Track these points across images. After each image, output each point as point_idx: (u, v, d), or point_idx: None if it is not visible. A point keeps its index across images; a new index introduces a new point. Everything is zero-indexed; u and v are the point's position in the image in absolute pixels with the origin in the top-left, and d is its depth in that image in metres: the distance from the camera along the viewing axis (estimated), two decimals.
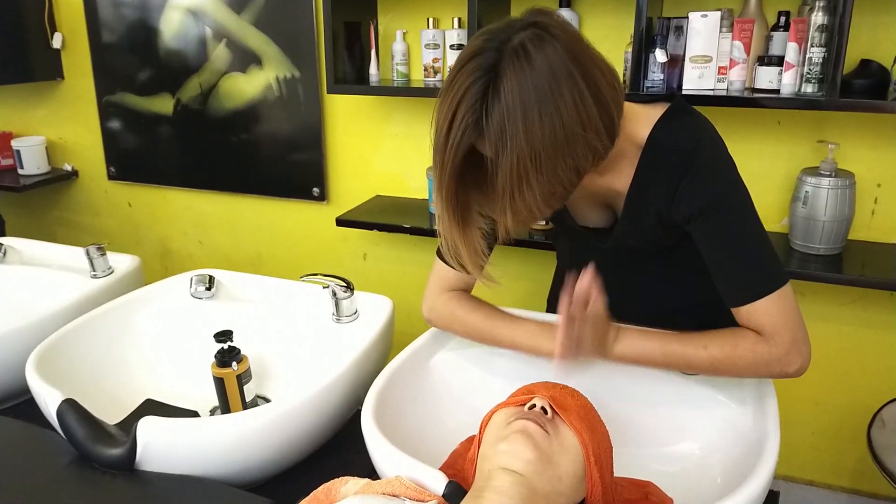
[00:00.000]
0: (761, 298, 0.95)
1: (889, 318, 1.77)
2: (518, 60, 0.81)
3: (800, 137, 1.73)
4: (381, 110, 2.14)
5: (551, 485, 0.80)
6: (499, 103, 0.81)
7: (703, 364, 0.98)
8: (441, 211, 0.92)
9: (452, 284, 1.15)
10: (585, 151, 0.86)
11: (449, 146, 0.84)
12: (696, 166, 0.95)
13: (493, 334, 1.10)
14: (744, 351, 0.96)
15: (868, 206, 1.72)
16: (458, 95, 0.83)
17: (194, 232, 2.59)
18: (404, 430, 1.00)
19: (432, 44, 1.93)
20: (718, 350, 0.97)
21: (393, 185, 2.21)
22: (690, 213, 0.97)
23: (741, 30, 1.59)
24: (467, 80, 0.82)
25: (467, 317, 1.12)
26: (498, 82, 0.81)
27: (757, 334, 0.96)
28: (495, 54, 0.82)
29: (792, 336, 0.95)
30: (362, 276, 2.30)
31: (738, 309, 0.98)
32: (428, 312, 1.17)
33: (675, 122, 0.99)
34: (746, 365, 0.97)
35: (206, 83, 2.31)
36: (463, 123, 0.83)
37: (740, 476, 0.90)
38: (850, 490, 1.94)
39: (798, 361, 0.96)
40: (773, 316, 0.95)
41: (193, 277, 1.42)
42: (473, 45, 0.84)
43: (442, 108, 0.85)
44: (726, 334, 0.98)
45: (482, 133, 0.83)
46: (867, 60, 1.57)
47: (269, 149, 2.31)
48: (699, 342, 0.98)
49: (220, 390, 1.17)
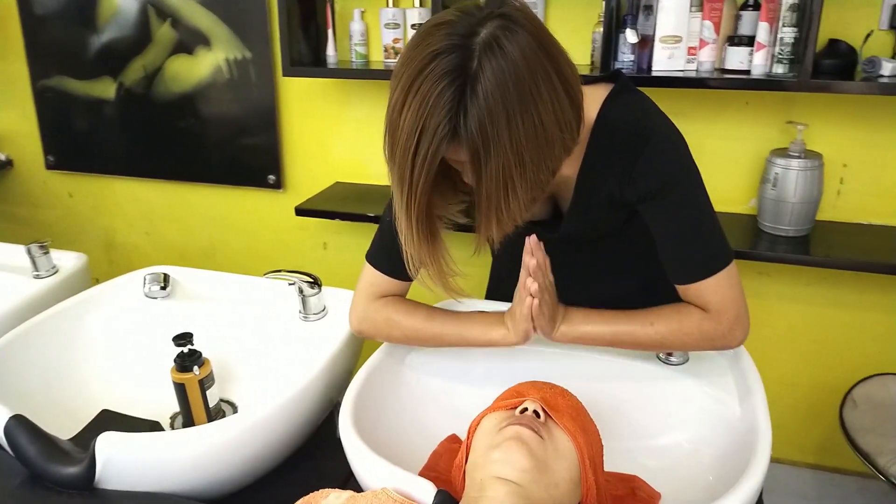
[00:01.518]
0: (711, 276, 0.95)
1: (855, 297, 1.79)
2: (495, 58, 0.74)
3: (768, 118, 1.72)
4: (339, 93, 2.06)
5: (548, 492, 0.77)
6: (478, 107, 0.74)
7: (651, 341, 0.99)
8: (408, 228, 0.85)
9: (384, 291, 1.08)
10: (561, 151, 0.82)
11: (419, 160, 0.77)
12: (652, 144, 0.92)
13: (437, 334, 1.04)
14: (690, 328, 0.97)
15: (834, 187, 1.72)
16: (426, 102, 0.74)
17: (141, 223, 2.47)
18: (383, 434, 0.96)
19: (392, 23, 1.85)
20: (665, 327, 0.97)
21: (354, 172, 2.13)
22: (646, 192, 0.94)
23: (711, 9, 1.56)
24: (435, 84, 0.74)
25: (406, 320, 1.05)
26: (475, 83, 0.74)
27: (702, 311, 0.97)
28: (464, 52, 0.74)
29: (736, 312, 0.96)
30: (323, 266, 2.23)
31: (686, 286, 0.97)
32: (359, 323, 1.08)
33: (623, 99, 0.96)
34: (693, 341, 0.98)
35: (151, 65, 2.18)
36: (437, 133, 0.75)
37: (731, 469, 0.89)
38: (814, 466, 1.98)
39: (740, 335, 0.98)
40: (719, 293, 0.96)
41: (147, 276, 1.33)
42: (432, 44, 0.75)
43: (404, 117, 0.76)
44: (672, 311, 0.99)
45: (459, 142, 0.76)
46: (835, 40, 1.56)
47: (220, 134, 2.20)
48: (646, 320, 0.98)
49: (181, 396, 1.10)
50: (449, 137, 0.76)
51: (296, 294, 1.25)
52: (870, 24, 1.58)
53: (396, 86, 0.78)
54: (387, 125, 0.80)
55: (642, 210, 0.97)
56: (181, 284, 1.36)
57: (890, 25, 1.56)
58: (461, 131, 0.75)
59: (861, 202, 1.73)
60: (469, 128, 0.75)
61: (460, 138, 0.76)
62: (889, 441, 1.32)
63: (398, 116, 0.77)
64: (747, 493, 0.79)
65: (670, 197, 0.94)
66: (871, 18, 1.58)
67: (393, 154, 0.80)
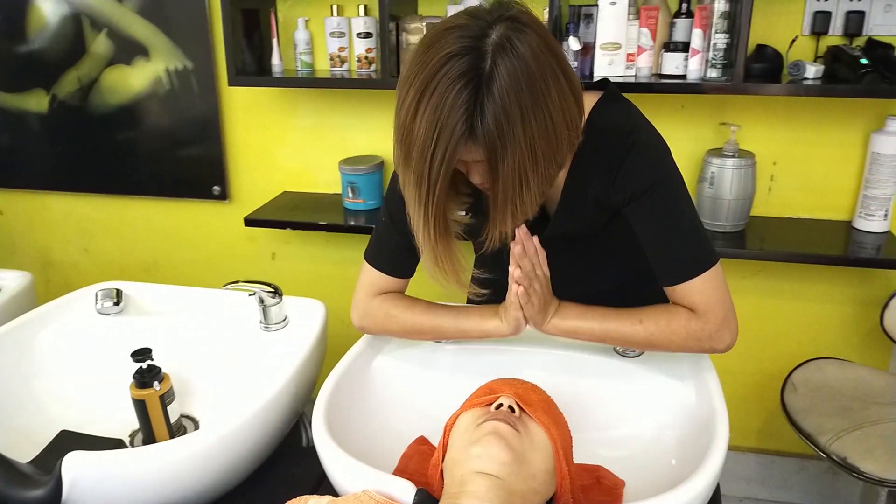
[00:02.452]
0: (696, 277, 0.98)
1: (788, 287, 1.89)
2: (508, 58, 0.77)
3: (703, 120, 1.80)
4: (284, 102, 2.05)
5: (527, 484, 0.79)
6: (494, 106, 0.77)
7: (638, 339, 1.01)
8: (425, 228, 0.86)
9: (383, 289, 1.11)
10: (566, 148, 0.85)
11: (437, 160, 0.79)
12: (636, 149, 0.96)
13: (436, 326, 1.07)
14: (677, 327, 0.99)
15: (765, 184, 1.82)
16: (442, 104, 0.77)
17: (78, 240, 2.39)
18: (354, 439, 0.97)
19: (337, 32, 1.86)
20: (653, 325, 0.99)
21: (302, 181, 2.12)
22: (631, 195, 0.98)
23: (647, 17, 1.63)
24: (451, 85, 0.76)
25: (404, 315, 1.08)
26: (491, 83, 0.76)
27: (689, 311, 0.99)
28: (477, 53, 0.77)
29: (723, 313, 0.99)
30: (272, 277, 2.20)
31: (673, 287, 1.00)
32: (360, 319, 1.12)
33: (612, 106, 1.00)
34: (681, 340, 0.99)
35: (86, 77, 2.12)
36: (454, 134, 0.77)
37: (692, 453, 0.93)
38: (756, 450, 2.07)
39: (728, 338, 1.00)
40: (705, 294, 0.98)
41: (99, 292, 1.30)
42: (444, 46, 0.78)
43: (419, 119, 0.78)
44: (660, 310, 1.01)
45: (476, 141, 0.79)
46: (763, 46, 1.65)
47: (161, 146, 2.15)
48: (634, 317, 1.00)
49: (141, 413, 1.09)
50: (466, 137, 0.78)
51: (256, 304, 1.24)
52: (794, 29, 1.68)
53: (408, 90, 0.79)
54: (399, 130, 0.81)
55: (627, 213, 1.00)
56: (134, 299, 1.33)
57: (812, 31, 1.67)
58: (478, 130, 0.78)
59: (790, 197, 1.83)
60: (486, 126, 0.77)
61: (477, 137, 0.78)
62: (828, 420, 1.40)
63: (412, 120, 0.79)
64: (711, 473, 0.83)
65: (654, 200, 0.97)
66: (795, 25, 1.68)
67: (408, 157, 0.81)
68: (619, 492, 0.95)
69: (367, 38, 1.83)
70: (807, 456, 2.01)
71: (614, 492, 0.95)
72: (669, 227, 0.99)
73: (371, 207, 1.96)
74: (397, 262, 1.10)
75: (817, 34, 1.67)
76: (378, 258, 1.10)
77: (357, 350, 1.11)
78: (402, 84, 0.81)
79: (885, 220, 1.71)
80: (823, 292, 1.87)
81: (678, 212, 0.99)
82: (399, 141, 0.82)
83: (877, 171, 1.66)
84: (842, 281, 1.85)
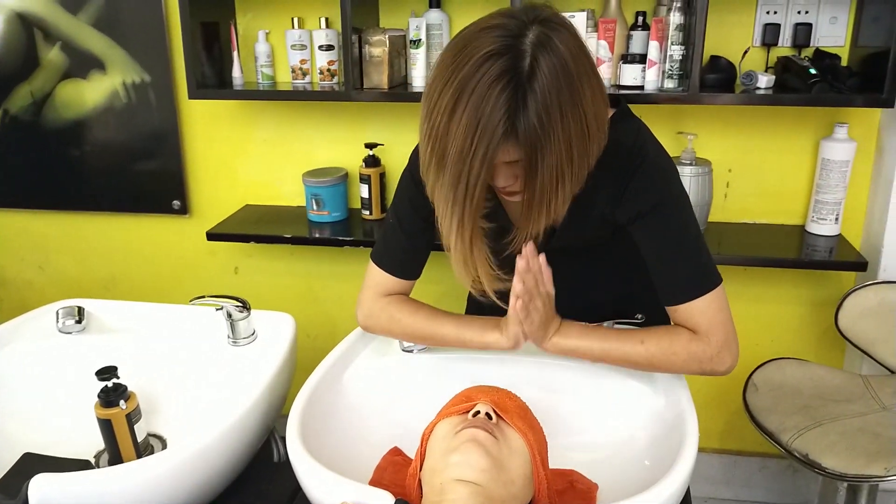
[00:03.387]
0: (698, 298, 0.98)
1: (746, 290, 1.94)
2: (549, 55, 0.78)
3: (661, 130, 1.82)
4: (245, 115, 2.03)
5: (506, 489, 0.80)
6: (536, 104, 0.77)
7: (640, 359, 1.01)
8: (459, 232, 0.86)
9: (389, 290, 1.12)
10: (596, 149, 0.86)
11: (477, 160, 0.78)
12: (644, 167, 0.97)
13: (437, 334, 1.08)
14: (679, 348, 0.99)
15: (722, 190, 1.87)
16: (483, 101, 0.76)
17: (33, 257, 2.32)
18: (328, 452, 0.96)
19: (299, 44, 1.85)
20: (655, 346, 1.00)
21: (264, 194, 2.11)
22: (637, 213, 0.98)
23: (605, 29, 1.67)
24: (492, 84, 0.76)
25: (408, 319, 1.09)
26: (532, 80, 0.77)
27: (691, 332, 1.00)
28: (516, 52, 0.77)
29: (725, 335, 0.99)
30: (236, 291, 2.12)
31: (676, 307, 1.00)
32: (365, 319, 1.13)
33: (624, 123, 1.01)
34: (682, 362, 1.00)
35: (39, 91, 2.07)
36: (495, 133, 0.77)
37: (663, 455, 0.95)
38: (719, 450, 2.11)
39: (729, 360, 1.00)
40: (707, 315, 0.99)
41: (60, 310, 1.27)
42: (482, 46, 0.78)
43: (458, 120, 0.77)
44: (662, 331, 1.01)
45: (516, 140, 0.79)
46: (716, 57, 1.71)
47: (118, 161, 2.11)
48: (636, 338, 1.01)
49: (106, 433, 1.06)
50: (506, 136, 0.78)
51: (223, 319, 1.23)
52: (746, 41, 1.74)
53: (440, 92, 0.78)
54: (431, 133, 0.80)
55: (633, 231, 1.00)
56: (97, 317, 1.30)
57: (763, 42, 1.72)
58: (519, 128, 0.78)
59: (746, 203, 1.88)
60: (529, 124, 0.77)
61: (518, 136, 0.78)
62: (789, 419, 1.44)
63: (448, 121, 0.78)
64: (684, 472, 0.86)
65: (659, 219, 0.98)
66: (746, 36, 1.74)
67: (443, 160, 0.80)
68: (592, 495, 0.97)
69: (329, 51, 1.83)
70: (768, 455, 2.07)
71: (588, 495, 0.97)
72: (674, 247, 1.00)
73: (336, 219, 1.95)
74: (404, 264, 1.11)
75: (768, 45, 1.73)
76: (385, 260, 1.11)
77: (329, 362, 1.11)
78: (433, 87, 0.81)
79: (836, 224, 1.77)
80: (780, 295, 1.93)
81: (683, 232, 1.00)
82: (432, 144, 0.81)
83: (827, 177, 1.73)
84: (797, 283, 1.91)
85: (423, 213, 1.06)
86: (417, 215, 1.07)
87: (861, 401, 1.52)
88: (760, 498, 2.11)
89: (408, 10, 1.83)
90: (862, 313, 1.64)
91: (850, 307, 1.64)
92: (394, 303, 1.10)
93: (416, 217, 1.07)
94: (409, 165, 1.09)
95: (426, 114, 0.82)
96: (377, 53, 1.72)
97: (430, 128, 0.80)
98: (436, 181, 0.84)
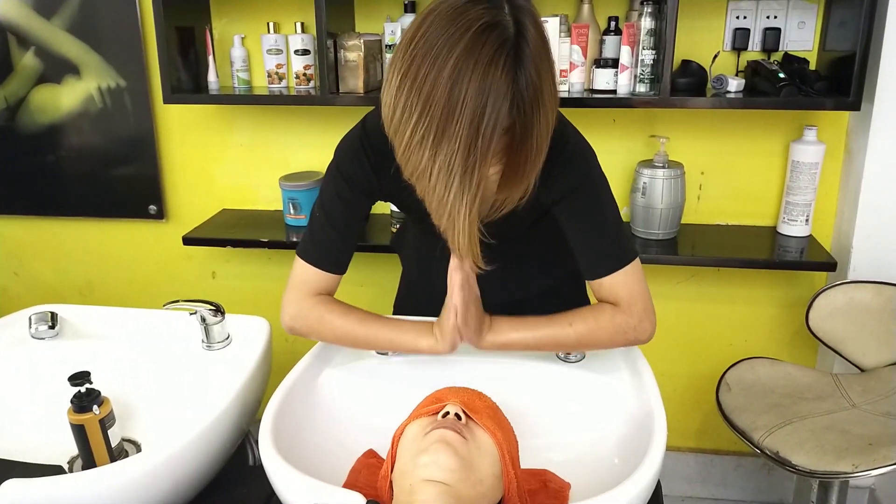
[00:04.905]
0: (618, 271, 1.04)
1: (719, 291, 1.97)
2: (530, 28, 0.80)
3: (633, 133, 1.87)
4: (221, 119, 2.03)
5: (475, 489, 0.81)
6: (527, 70, 0.79)
7: (570, 341, 1.06)
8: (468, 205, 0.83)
9: (317, 287, 1.10)
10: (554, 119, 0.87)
11: (488, 127, 0.78)
12: (566, 152, 1.01)
13: (369, 337, 1.08)
14: (604, 322, 1.05)
15: (695, 193, 1.90)
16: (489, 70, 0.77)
17: (8, 263, 2.30)
18: (302, 454, 0.97)
19: (275, 49, 1.86)
20: (582, 325, 1.05)
21: (241, 198, 2.11)
22: (560, 194, 1.03)
23: (578, 34, 1.69)
24: (494, 52, 0.77)
25: (338, 321, 1.08)
26: (524, 50, 0.79)
27: (613, 307, 1.05)
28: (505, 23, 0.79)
29: (644, 305, 1.06)
30: (214, 296, 2.12)
31: (599, 281, 1.06)
32: (291, 320, 1.10)
33: None
34: (608, 336, 1.06)
35: (13, 96, 2.06)
36: (504, 97, 0.78)
37: (633, 452, 0.96)
38: (695, 450, 2.14)
39: (649, 328, 1.07)
40: (628, 287, 1.05)
41: (32, 316, 1.26)
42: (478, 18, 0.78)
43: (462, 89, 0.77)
44: (587, 311, 1.07)
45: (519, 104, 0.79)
46: (687, 61, 1.73)
47: (94, 166, 2.10)
48: (564, 321, 1.05)
49: (80, 438, 1.06)
50: (510, 104, 0.79)
51: (197, 323, 1.23)
52: (716, 45, 1.77)
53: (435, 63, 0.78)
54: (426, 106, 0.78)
55: (556, 211, 1.05)
56: (71, 323, 1.30)
57: (733, 47, 1.75)
58: (517, 96, 0.79)
59: (718, 205, 1.91)
60: (527, 91, 0.79)
61: (520, 103, 0.79)
62: (760, 417, 1.46)
63: (450, 92, 0.77)
64: (652, 468, 0.87)
65: (581, 199, 1.03)
66: (716, 41, 1.77)
67: (446, 131, 0.78)
68: (565, 493, 0.98)
69: (305, 55, 1.84)
70: (743, 454, 2.09)
71: (560, 494, 0.98)
72: (595, 225, 1.05)
73: None
74: (333, 258, 1.09)
75: (738, 50, 1.76)
76: (313, 254, 1.09)
77: (303, 365, 1.11)
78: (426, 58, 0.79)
79: (807, 225, 1.81)
80: (752, 295, 1.96)
81: (603, 211, 1.06)
82: (427, 119, 0.79)
83: (797, 179, 1.76)
84: (769, 284, 1.94)
85: (356, 210, 1.09)
86: (348, 210, 1.08)
87: (831, 399, 1.55)
88: (737, 496, 2.14)
89: (383, 14, 1.84)
90: (832, 313, 1.67)
91: (821, 307, 1.67)
92: (322, 303, 1.08)
93: (347, 211, 1.08)
94: (335, 161, 1.08)
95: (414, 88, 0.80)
96: (352, 58, 1.73)
97: (424, 103, 0.79)
98: (433, 155, 0.81)
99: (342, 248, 1.09)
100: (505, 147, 0.84)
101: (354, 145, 1.06)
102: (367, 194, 1.09)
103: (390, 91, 0.82)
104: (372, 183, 1.06)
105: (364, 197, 1.09)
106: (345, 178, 1.06)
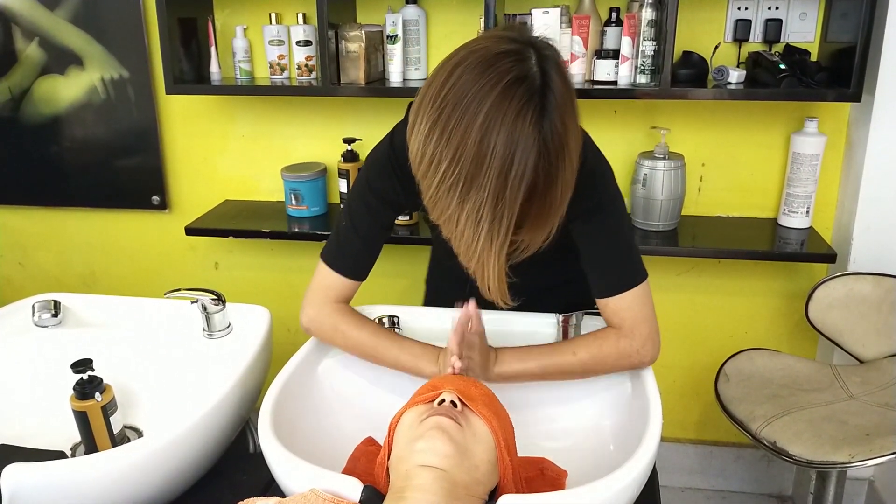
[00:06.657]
0: (626, 292, 1.05)
1: (719, 282, 1.97)
2: (556, 76, 0.84)
3: (634, 124, 1.87)
4: (224, 110, 2.04)
5: (470, 475, 0.82)
6: (552, 123, 0.83)
7: (575, 369, 1.07)
8: (498, 251, 0.87)
9: (338, 295, 1.14)
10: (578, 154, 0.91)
11: (517, 176, 0.82)
12: (581, 175, 0.99)
13: (376, 353, 1.11)
14: (608, 348, 1.06)
15: (695, 184, 1.90)
16: (517, 122, 0.81)
17: (12, 253, 2.32)
18: (301, 441, 0.98)
19: (276, 40, 1.86)
20: (586, 353, 1.07)
21: (243, 189, 2.12)
22: (577, 213, 1.03)
23: (579, 25, 1.69)
24: (523, 106, 0.81)
25: (351, 332, 1.12)
26: (549, 100, 0.82)
27: (617, 331, 1.07)
28: (532, 75, 0.83)
29: (649, 329, 1.07)
30: (216, 286, 2.13)
31: (606, 301, 1.07)
32: (308, 322, 1.15)
33: None
34: (613, 361, 1.07)
35: (17, 87, 2.07)
36: (532, 147, 0.82)
37: (629, 441, 0.97)
38: (695, 441, 2.14)
39: (652, 352, 1.08)
40: (633, 309, 1.06)
41: (36, 304, 1.27)
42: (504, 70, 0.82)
43: (491, 142, 0.81)
44: (590, 338, 1.08)
45: (546, 154, 0.84)
46: (688, 52, 1.73)
47: (97, 156, 2.11)
48: (569, 349, 1.08)
49: (82, 425, 1.07)
50: (538, 155, 0.83)
51: (198, 312, 1.24)
52: (717, 36, 1.77)
53: (464, 115, 0.82)
54: (457, 155, 0.82)
55: (572, 229, 1.06)
56: (73, 311, 1.31)
57: (734, 38, 1.75)
58: (545, 147, 0.83)
59: (719, 197, 1.91)
60: (553, 141, 0.83)
61: (546, 153, 0.84)
62: (758, 408, 1.47)
63: (479, 143, 0.81)
64: (646, 456, 0.87)
65: (597, 218, 1.05)
66: (718, 32, 1.77)
67: (475, 180, 0.83)
68: (562, 481, 0.99)
69: (307, 46, 1.84)
70: (743, 445, 2.10)
71: (557, 481, 0.99)
72: (608, 245, 1.07)
73: (315, 214, 1.96)
74: (355, 266, 1.13)
75: (739, 41, 1.76)
76: (338, 262, 1.13)
77: (303, 353, 1.12)
78: (455, 108, 0.83)
79: (808, 217, 1.81)
80: (752, 286, 1.96)
81: (617, 231, 1.07)
82: (459, 166, 0.83)
83: (798, 171, 1.76)
84: (769, 275, 1.94)
85: (383, 221, 1.12)
86: (376, 223, 1.12)
87: (829, 390, 1.55)
88: (736, 488, 2.15)
89: (385, 5, 1.85)
90: (831, 304, 1.67)
91: (820, 298, 1.68)
92: (339, 312, 1.13)
93: (375, 225, 1.12)
94: (365, 172, 1.12)
95: (444, 140, 0.83)
96: (354, 49, 1.73)
97: (454, 153, 0.83)
98: (460, 202, 0.85)
99: (365, 256, 1.13)
100: (530, 193, 0.87)
101: (382, 161, 1.09)
102: (395, 208, 1.13)
103: (418, 137, 0.87)
104: (399, 197, 1.10)
105: (391, 210, 1.13)
106: (373, 192, 1.10)
